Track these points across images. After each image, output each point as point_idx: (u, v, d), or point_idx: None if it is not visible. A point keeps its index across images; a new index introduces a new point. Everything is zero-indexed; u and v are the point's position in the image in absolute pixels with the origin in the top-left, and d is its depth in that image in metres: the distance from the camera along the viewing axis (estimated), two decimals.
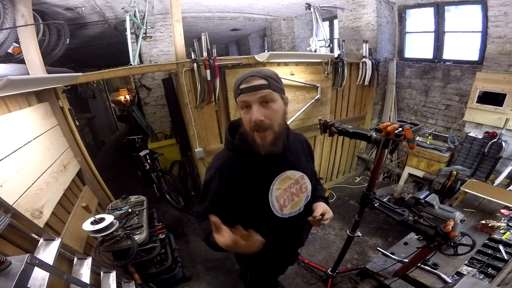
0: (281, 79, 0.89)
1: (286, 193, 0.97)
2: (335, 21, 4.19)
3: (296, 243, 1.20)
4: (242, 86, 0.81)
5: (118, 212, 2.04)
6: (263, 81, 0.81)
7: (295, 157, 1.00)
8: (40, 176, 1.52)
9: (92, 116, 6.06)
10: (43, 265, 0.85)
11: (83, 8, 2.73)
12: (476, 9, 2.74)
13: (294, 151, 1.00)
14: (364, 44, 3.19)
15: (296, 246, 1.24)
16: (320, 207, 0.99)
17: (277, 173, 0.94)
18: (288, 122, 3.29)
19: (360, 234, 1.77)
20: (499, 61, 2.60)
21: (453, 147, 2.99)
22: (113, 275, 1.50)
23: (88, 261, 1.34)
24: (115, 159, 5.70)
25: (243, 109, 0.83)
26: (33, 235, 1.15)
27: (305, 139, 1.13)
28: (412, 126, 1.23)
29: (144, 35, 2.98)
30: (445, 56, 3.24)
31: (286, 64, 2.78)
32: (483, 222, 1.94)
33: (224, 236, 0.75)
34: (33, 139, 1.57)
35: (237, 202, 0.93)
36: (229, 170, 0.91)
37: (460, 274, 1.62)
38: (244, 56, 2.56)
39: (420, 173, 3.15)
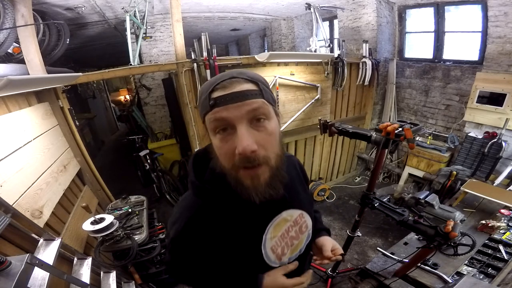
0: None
1: (284, 239, 0.71)
2: (335, 21, 4.19)
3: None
4: (216, 94, 0.51)
5: (118, 212, 2.04)
6: (251, 86, 0.52)
7: (291, 190, 0.72)
8: (40, 176, 1.52)
9: (92, 116, 6.06)
10: (43, 265, 0.85)
11: (83, 8, 2.73)
12: (476, 9, 2.74)
13: (289, 183, 0.66)
14: (364, 44, 3.19)
15: None
16: (328, 243, 0.81)
17: (270, 218, 0.67)
18: (287, 123, 3.26)
19: (360, 234, 1.77)
20: (499, 61, 2.60)
21: (453, 147, 2.99)
22: (113, 275, 1.50)
23: (88, 261, 1.34)
24: (115, 159, 5.70)
25: (218, 133, 0.52)
26: (33, 235, 1.15)
27: (298, 161, 0.88)
28: (412, 126, 1.24)
29: (144, 35, 2.98)
30: (445, 56, 3.24)
31: (286, 64, 2.78)
32: (483, 222, 1.93)
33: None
34: (33, 139, 1.57)
35: (220, 260, 0.68)
36: (201, 227, 0.63)
37: (460, 274, 1.62)
38: (244, 56, 2.57)
39: (420, 173, 3.15)
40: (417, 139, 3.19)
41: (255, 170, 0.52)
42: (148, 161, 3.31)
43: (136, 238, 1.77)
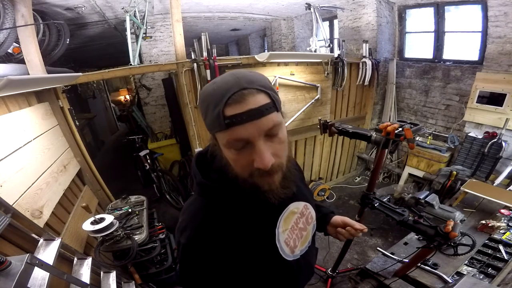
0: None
1: (294, 231, 0.74)
2: (335, 21, 4.19)
3: (310, 276, 1.00)
4: (230, 112, 0.47)
5: (118, 212, 2.04)
6: (263, 98, 0.49)
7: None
8: (40, 176, 1.52)
9: (92, 116, 6.06)
10: (43, 265, 0.85)
11: (83, 8, 2.73)
12: (476, 9, 2.74)
13: None
14: (364, 44, 3.19)
15: (309, 279, 1.05)
16: (347, 219, 0.91)
17: (279, 212, 0.69)
18: (287, 123, 3.28)
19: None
20: (499, 61, 2.60)
21: (453, 147, 2.99)
22: (113, 275, 1.49)
23: (88, 261, 1.34)
24: (115, 159, 5.70)
25: (234, 148, 0.52)
26: (33, 235, 1.15)
27: (294, 161, 0.86)
28: (412, 126, 1.24)
29: (144, 35, 2.98)
30: (445, 56, 3.23)
31: (286, 64, 2.78)
32: (483, 222, 1.93)
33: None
34: (33, 139, 1.57)
35: (237, 263, 0.66)
36: (214, 230, 0.61)
37: (460, 274, 1.62)
38: (244, 56, 2.57)
39: (420, 173, 3.15)
40: (417, 139, 3.19)
41: (271, 176, 0.54)
42: (148, 161, 3.31)
43: (136, 238, 1.77)
